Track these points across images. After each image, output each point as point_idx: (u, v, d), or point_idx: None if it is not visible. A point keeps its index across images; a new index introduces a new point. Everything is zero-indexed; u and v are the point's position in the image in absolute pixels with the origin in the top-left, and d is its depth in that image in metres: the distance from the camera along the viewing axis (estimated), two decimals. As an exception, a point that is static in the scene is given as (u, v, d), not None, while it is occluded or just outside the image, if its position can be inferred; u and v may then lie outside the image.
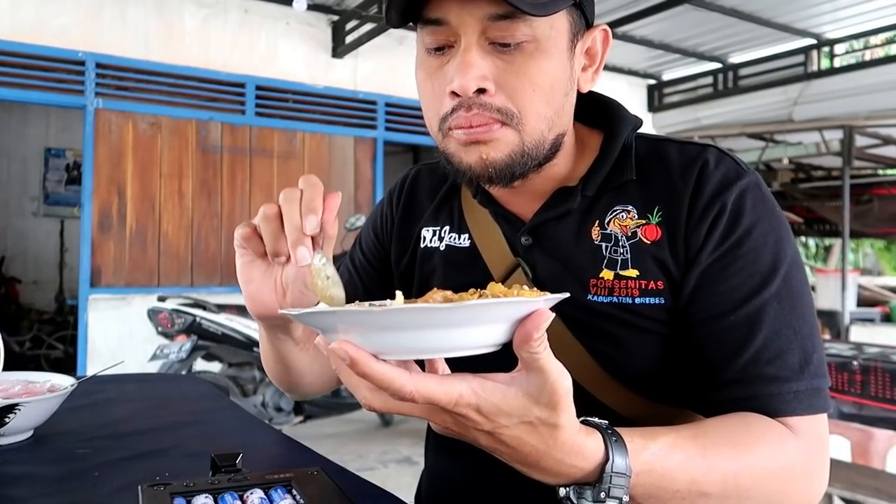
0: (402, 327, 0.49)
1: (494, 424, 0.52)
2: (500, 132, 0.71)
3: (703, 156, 0.76)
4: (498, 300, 0.49)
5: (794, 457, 0.66)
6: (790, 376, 0.68)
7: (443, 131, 0.74)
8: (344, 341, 0.49)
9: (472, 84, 0.69)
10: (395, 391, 0.49)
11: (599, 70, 0.80)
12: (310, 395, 1.01)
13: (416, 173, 1.00)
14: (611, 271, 0.76)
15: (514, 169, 0.73)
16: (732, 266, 0.72)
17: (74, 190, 7.49)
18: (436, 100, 0.74)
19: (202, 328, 4.03)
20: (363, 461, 4.15)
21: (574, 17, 0.74)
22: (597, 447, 0.56)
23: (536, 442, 0.53)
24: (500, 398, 0.51)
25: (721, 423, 0.67)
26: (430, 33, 0.72)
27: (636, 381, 0.76)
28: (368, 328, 0.49)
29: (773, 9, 5.62)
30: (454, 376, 0.51)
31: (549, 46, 0.71)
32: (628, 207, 0.77)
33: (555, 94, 0.73)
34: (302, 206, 0.65)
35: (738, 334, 0.70)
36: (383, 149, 5.95)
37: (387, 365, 0.49)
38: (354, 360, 0.49)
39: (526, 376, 0.51)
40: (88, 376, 1.11)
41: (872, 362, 2.90)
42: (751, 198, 0.73)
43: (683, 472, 0.60)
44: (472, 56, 0.69)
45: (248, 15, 5.32)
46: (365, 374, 0.49)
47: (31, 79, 4.58)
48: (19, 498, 0.73)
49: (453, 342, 0.50)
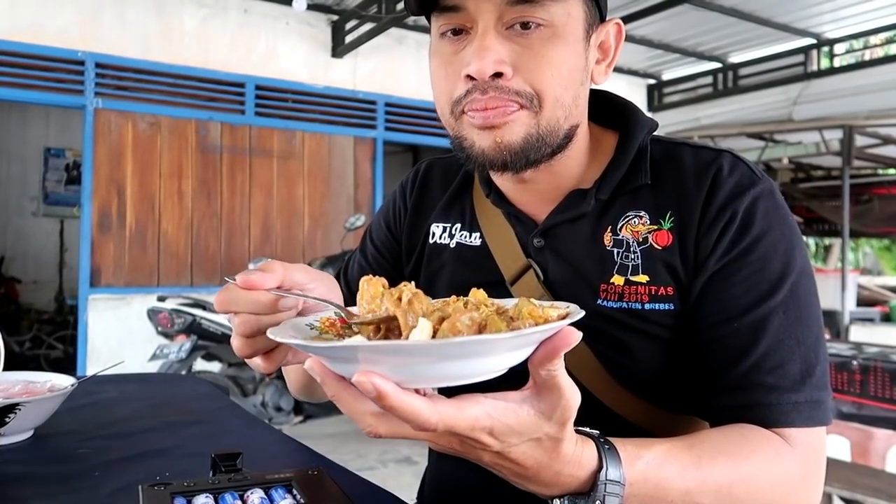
0: (438, 359, 0.46)
1: (504, 444, 0.51)
2: (515, 115, 0.71)
3: (717, 161, 0.76)
4: (543, 328, 0.47)
5: (789, 469, 0.65)
6: (790, 387, 0.68)
7: (455, 114, 0.74)
8: (370, 372, 0.46)
9: (490, 67, 0.68)
10: (419, 424, 0.47)
11: (613, 64, 0.80)
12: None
13: (428, 165, 0.99)
14: (621, 277, 0.75)
15: (529, 153, 0.72)
16: (739, 273, 0.71)
17: (74, 190, 7.49)
18: (450, 84, 0.74)
19: (202, 328, 4.03)
20: (363, 461, 4.15)
21: (589, 7, 0.74)
22: (591, 456, 0.55)
23: (539, 455, 0.52)
24: (514, 419, 0.49)
25: (717, 434, 0.67)
26: (445, 19, 0.72)
27: (643, 386, 0.76)
28: (401, 360, 0.46)
29: (773, 8, 5.62)
30: (468, 399, 0.48)
31: (565, 33, 0.71)
32: (641, 213, 0.77)
33: (572, 80, 0.73)
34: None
35: (741, 341, 0.70)
36: (383, 149, 5.95)
37: (414, 397, 0.46)
38: (383, 394, 0.45)
39: (538, 394, 0.50)
40: (88, 376, 1.11)
41: (872, 362, 2.90)
42: (763, 206, 0.73)
43: (678, 483, 0.59)
44: (490, 40, 0.69)
45: (248, 15, 5.32)
46: (391, 407, 0.46)
47: (30, 79, 4.58)
48: (19, 498, 0.73)
49: (483, 368, 0.48)
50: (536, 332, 0.47)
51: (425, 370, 0.47)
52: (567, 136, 0.76)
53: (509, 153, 0.72)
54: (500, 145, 0.72)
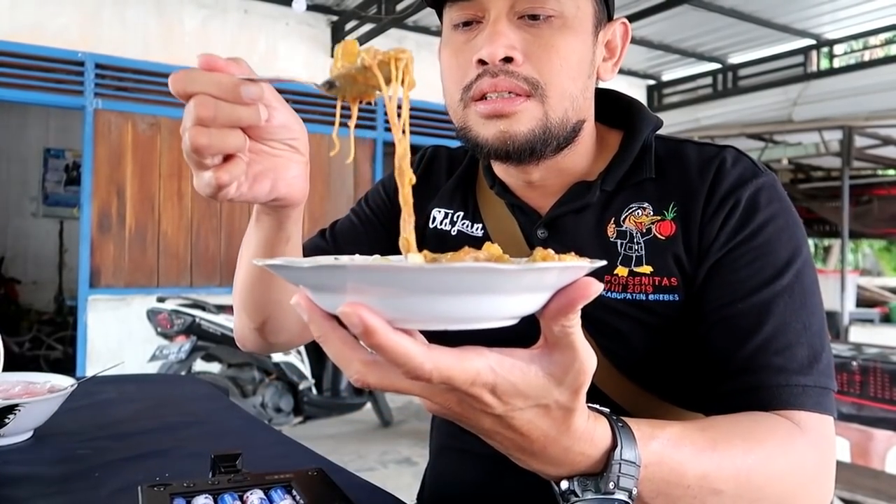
0: (436, 291, 0.40)
1: (507, 407, 0.45)
2: (523, 105, 0.72)
3: (721, 155, 0.77)
4: (558, 264, 0.41)
5: (805, 454, 0.63)
6: (798, 369, 0.67)
7: (464, 101, 0.75)
8: (358, 304, 0.40)
9: (501, 52, 0.70)
10: (410, 369, 0.41)
11: (619, 63, 0.82)
12: (285, 343, 0.89)
13: (434, 151, 0.99)
14: (625, 268, 0.76)
15: (535, 145, 0.73)
16: (744, 258, 0.71)
17: (74, 190, 7.48)
18: (460, 71, 0.75)
19: (201, 329, 4.03)
20: (363, 461, 4.15)
21: (598, 4, 0.76)
22: (604, 433, 0.50)
23: (547, 427, 0.47)
24: (520, 377, 0.44)
25: (729, 418, 0.65)
26: (458, 10, 0.74)
27: (647, 377, 0.76)
28: (393, 290, 0.40)
29: (773, 9, 5.62)
30: (471, 351, 0.43)
31: (574, 24, 0.73)
32: (644, 205, 0.77)
33: (581, 72, 0.74)
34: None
35: (747, 322, 0.69)
36: (383, 149, 5.95)
37: (406, 337, 0.41)
38: (370, 330, 0.40)
39: (549, 353, 0.45)
40: (88, 377, 1.11)
41: (872, 363, 2.90)
42: (766, 195, 0.73)
43: (694, 466, 0.55)
44: (502, 26, 0.71)
45: (248, 15, 5.32)
46: (379, 345, 0.40)
47: (30, 79, 4.58)
48: (19, 498, 0.73)
49: (489, 311, 0.42)
50: (550, 269, 0.41)
51: (420, 304, 0.41)
52: (574, 130, 0.76)
53: (513, 144, 0.72)
54: (504, 135, 0.72)
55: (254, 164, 0.61)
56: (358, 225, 0.96)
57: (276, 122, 0.61)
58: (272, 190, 0.64)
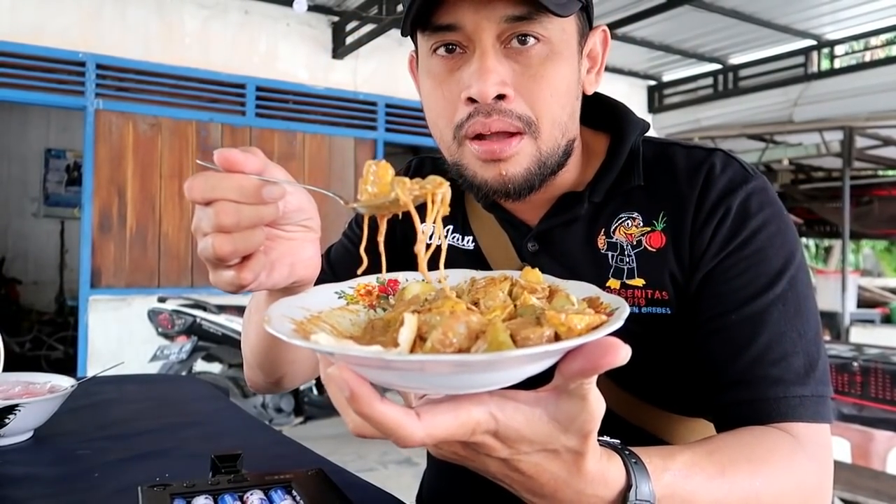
0: (424, 374, 0.39)
1: (512, 451, 0.45)
2: (518, 146, 0.70)
3: (709, 160, 0.75)
4: (574, 341, 0.39)
5: (807, 470, 0.63)
6: (795, 379, 0.66)
7: (458, 140, 0.72)
8: (345, 367, 0.39)
9: (493, 90, 0.67)
10: (400, 437, 0.40)
11: (601, 72, 0.80)
12: (294, 385, 0.90)
13: (420, 162, 0.98)
14: (617, 280, 0.75)
15: (533, 182, 0.72)
16: (736, 267, 0.71)
17: (74, 191, 7.49)
18: (448, 106, 0.72)
19: (202, 329, 4.03)
20: (363, 461, 4.15)
21: (581, 19, 0.74)
22: (618, 474, 0.49)
23: (557, 469, 0.46)
24: (523, 423, 0.43)
25: (732, 438, 0.64)
26: (439, 38, 0.70)
27: (643, 389, 0.76)
28: (380, 373, 0.40)
29: (774, 10, 5.62)
30: (467, 400, 0.42)
31: (561, 49, 0.71)
32: (633, 214, 0.76)
33: (570, 97, 0.73)
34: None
35: (741, 333, 0.68)
36: (384, 150, 5.95)
37: (394, 407, 0.40)
38: (355, 397, 0.39)
39: (556, 400, 0.44)
40: (88, 377, 1.11)
41: (872, 363, 2.90)
42: (757, 201, 0.72)
43: (705, 494, 0.55)
44: (491, 61, 0.67)
45: (249, 16, 5.32)
46: (365, 415, 0.39)
47: (31, 80, 4.58)
48: (19, 498, 0.73)
49: (479, 382, 0.41)
50: (542, 352, 0.39)
51: (411, 380, 0.40)
52: (566, 153, 0.75)
53: (513, 185, 0.72)
54: (504, 177, 0.71)
55: (270, 250, 0.60)
56: (352, 249, 0.95)
57: (291, 207, 0.60)
58: (290, 274, 0.63)
